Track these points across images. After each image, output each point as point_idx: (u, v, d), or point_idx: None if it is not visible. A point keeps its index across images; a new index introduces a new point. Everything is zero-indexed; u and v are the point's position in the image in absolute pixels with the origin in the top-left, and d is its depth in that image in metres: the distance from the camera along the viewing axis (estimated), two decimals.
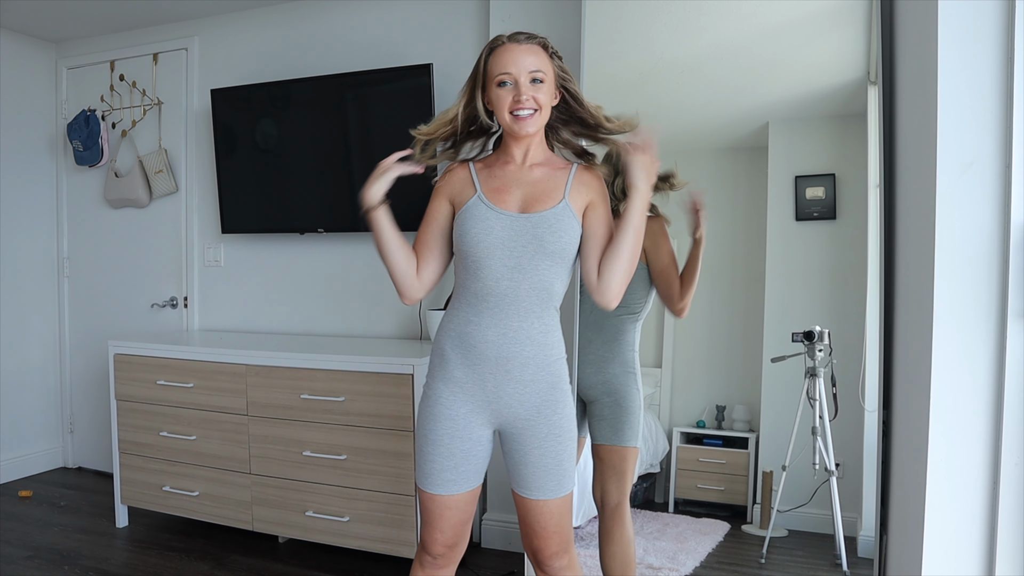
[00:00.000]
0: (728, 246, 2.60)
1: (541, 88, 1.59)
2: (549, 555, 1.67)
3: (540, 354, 1.61)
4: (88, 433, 3.90)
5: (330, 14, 3.20)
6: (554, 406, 1.62)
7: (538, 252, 1.58)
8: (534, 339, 1.60)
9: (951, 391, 1.40)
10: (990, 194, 1.37)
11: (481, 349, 1.59)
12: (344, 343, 2.97)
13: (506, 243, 1.58)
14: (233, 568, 2.71)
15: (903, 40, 1.91)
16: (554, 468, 1.62)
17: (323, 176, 3.11)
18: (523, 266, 1.58)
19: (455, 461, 1.61)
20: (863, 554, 2.28)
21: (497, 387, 1.60)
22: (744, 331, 2.57)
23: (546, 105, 1.61)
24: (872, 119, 2.16)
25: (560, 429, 1.63)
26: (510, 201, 1.62)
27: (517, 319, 1.59)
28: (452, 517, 1.65)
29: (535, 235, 1.58)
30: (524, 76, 1.58)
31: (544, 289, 1.60)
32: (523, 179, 1.65)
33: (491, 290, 1.59)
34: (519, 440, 1.63)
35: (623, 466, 2.13)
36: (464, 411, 1.62)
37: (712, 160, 2.65)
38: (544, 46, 1.63)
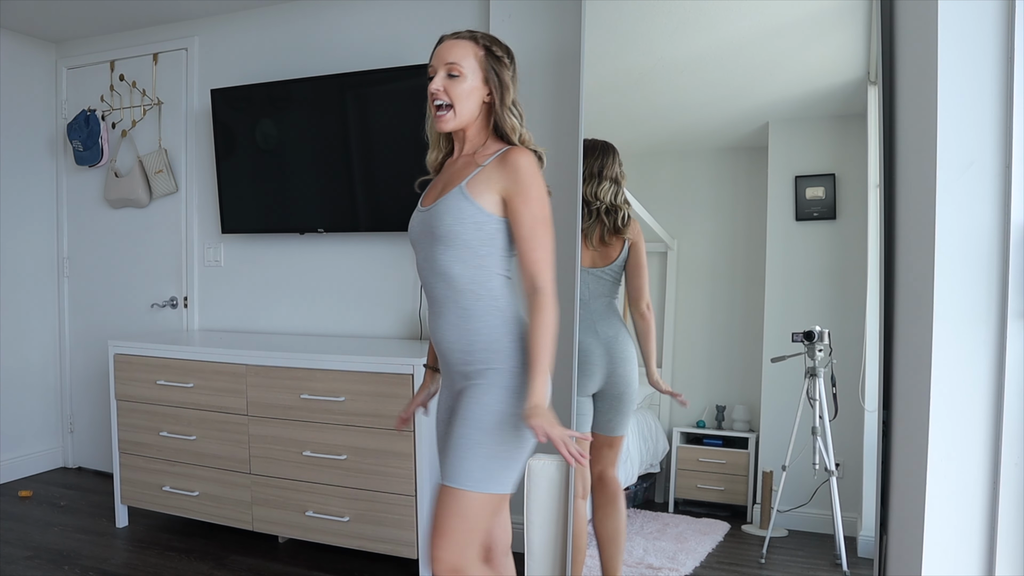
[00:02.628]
0: (728, 246, 2.60)
1: (457, 83, 1.61)
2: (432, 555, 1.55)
3: (463, 339, 1.62)
4: (88, 433, 3.90)
5: (330, 14, 3.20)
6: (473, 393, 1.58)
7: (432, 240, 1.62)
8: (454, 324, 1.63)
9: (951, 391, 1.40)
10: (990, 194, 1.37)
11: (436, 340, 1.68)
12: (344, 343, 2.97)
13: (417, 239, 1.68)
14: (233, 568, 2.71)
15: (903, 40, 1.91)
16: (451, 450, 1.55)
17: (323, 176, 3.11)
18: (428, 257, 1.64)
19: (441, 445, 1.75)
20: (863, 554, 2.28)
21: (447, 377, 1.72)
22: (744, 331, 2.57)
23: (461, 99, 1.61)
24: (872, 119, 2.16)
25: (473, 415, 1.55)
26: (431, 196, 1.70)
27: (439, 306, 1.65)
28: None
29: (429, 224, 1.63)
30: (442, 68, 1.62)
31: (445, 275, 1.62)
32: (448, 172, 1.70)
33: (423, 284, 1.69)
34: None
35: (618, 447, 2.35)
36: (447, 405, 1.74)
37: (712, 160, 2.64)
38: (474, 39, 1.64)
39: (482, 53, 1.64)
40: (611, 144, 2.35)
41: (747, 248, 2.55)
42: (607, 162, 2.32)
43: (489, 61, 1.64)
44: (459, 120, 1.64)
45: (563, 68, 2.67)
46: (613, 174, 2.31)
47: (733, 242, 2.59)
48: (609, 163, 2.32)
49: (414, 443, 2.47)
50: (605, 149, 2.34)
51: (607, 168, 2.31)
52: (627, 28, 2.50)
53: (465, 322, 1.62)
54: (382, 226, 3.02)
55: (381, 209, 3.01)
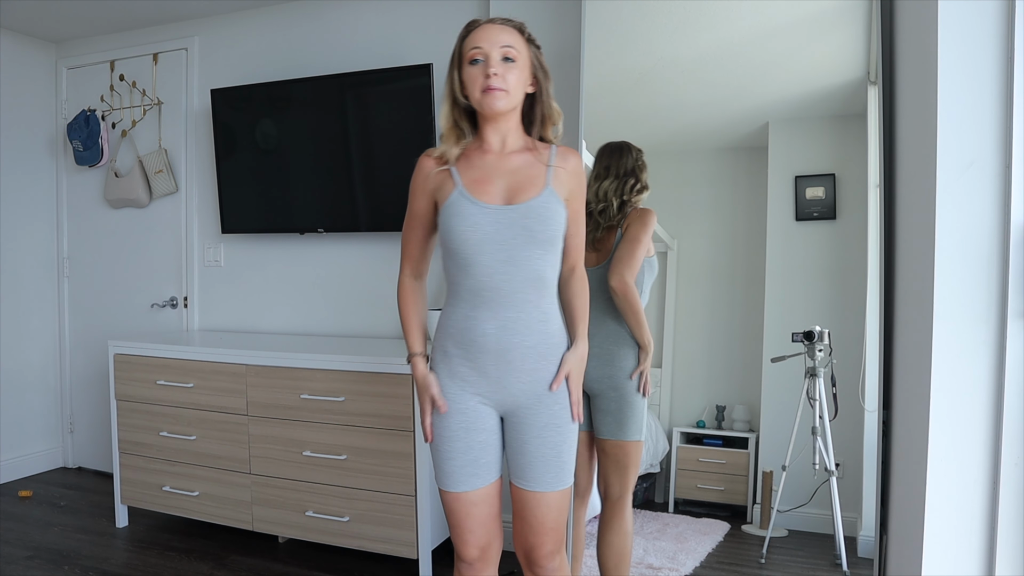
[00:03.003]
0: (728, 246, 2.60)
1: (512, 68, 1.56)
2: (544, 554, 1.64)
3: (541, 343, 1.59)
4: (88, 433, 3.90)
5: (330, 14, 3.20)
6: (556, 395, 1.61)
7: (528, 242, 1.55)
8: (533, 328, 1.58)
9: (951, 391, 1.40)
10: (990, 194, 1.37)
11: (481, 343, 1.57)
12: (344, 343, 2.97)
13: (495, 237, 1.55)
14: (233, 568, 2.71)
15: (903, 40, 1.91)
16: (553, 459, 1.60)
17: (323, 176, 3.11)
18: (515, 258, 1.55)
19: (474, 454, 1.60)
20: (863, 554, 2.28)
21: (500, 378, 1.59)
22: (744, 331, 2.57)
23: (515, 87, 1.57)
24: (872, 119, 2.16)
25: (560, 419, 1.61)
26: (493, 192, 1.58)
27: (514, 310, 1.56)
28: (479, 514, 1.61)
29: (524, 226, 1.55)
30: (496, 52, 1.55)
31: (538, 278, 1.58)
32: (504, 167, 1.61)
33: (485, 285, 1.56)
34: (520, 429, 1.61)
35: (626, 460, 2.13)
36: (473, 403, 1.61)
37: (712, 160, 2.65)
38: (520, 30, 1.61)
39: (525, 41, 1.60)
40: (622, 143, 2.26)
41: (747, 248, 2.55)
42: (614, 160, 2.25)
43: (533, 50, 1.61)
44: (510, 102, 1.57)
45: (563, 68, 2.67)
46: (622, 170, 2.24)
47: (733, 242, 2.59)
48: (616, 160, 2.25)
49: (414, 443, 2.47)
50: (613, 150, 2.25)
51: (613, 165, 2.24)
52: (627, 28, 2.50)
53: (545, 324, 1.60)
54: (382, 226, 3.02)
55: (381, 209, 3.01)
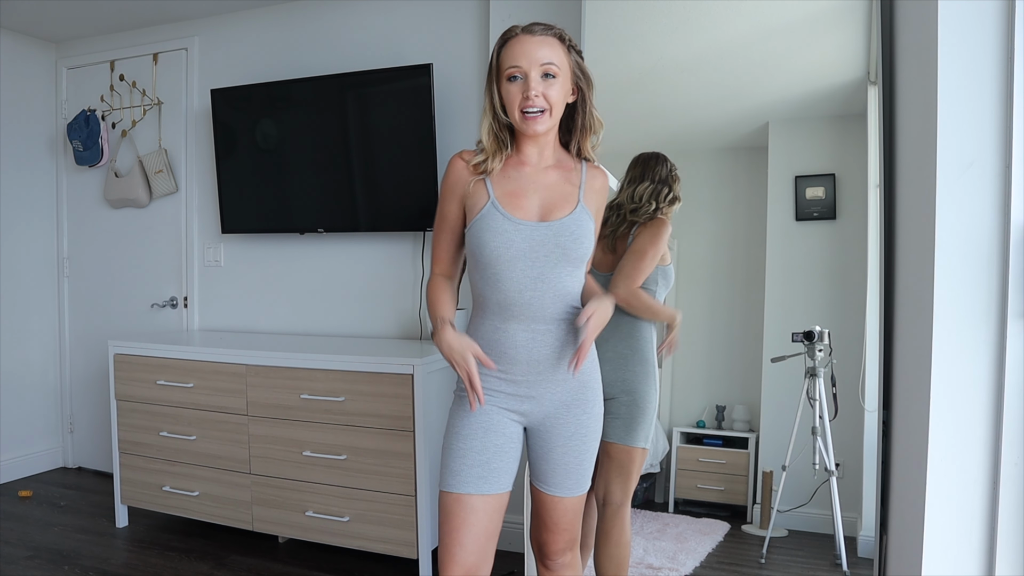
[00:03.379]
0: (728, 246, 2.60)
1: (553, 84, 1.50)
2: (555, 550, 1.68)
3: (570, 353, 1.58)
4: (88, 433, 3.90)
5: (330, 14, 3.20)
6: (583, 405, 1.61)
7: (561, 260, 1.54)
8: (562, 339, 1.57)
9: (951, 391, 1.40)
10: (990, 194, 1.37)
11: (512, 354, 1.56)
12: (344, 343, 2.97)
13: (528, 254, 1.52)
14: (233, 568, 2.71)
15: (903, 40, 1.91)
16: (575, 467, 1.62)
17: (323, 176, 3.11)
18: (546, 276, 1.53)
19: (487, 456, 1.55)
20: (863, 554, 2.28)
21: (530, 387, 1.58)
22: (744, 331, 2.57)
23: (558, 103, 1.52)
24: (872, 119, 2.16)
25: (587, 429, 1.62)
26: (528, 208, 1.55)
27: (544, 323, 1.55)
28: (477, 523, 1.53)
29: (558, 244, 1.53)
30: (535, 70, 1.49)
31: (567, 294, 1.57)
32: (540, 182, 1.58)
33: (514, 300, 1.53)
34: (545, 437, 1.62)
35: (631, 466, 2.12)
36: (496, 410, 1.59)
37: (712, 160, 2.64)
38: (561, 38, 1.54)
39: (566, 49, 1.54)
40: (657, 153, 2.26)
41: (747, 248, 2.55)
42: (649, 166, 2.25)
43: (573, 56, 1.56)
44: (553, 121, 1.54)
45: None
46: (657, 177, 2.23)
47: (733, 242, 2.59)
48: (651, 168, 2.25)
49: (414, 443, 2.47)
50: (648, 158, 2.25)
51: (648, 171, 2.24)
52: (627, 28, 2.50)
53: (575, 336, 1.58)
54: (382, 226, 3.02)
55: (381, 209, 3.01)
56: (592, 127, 1.61)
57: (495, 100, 1.55)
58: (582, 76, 1.57)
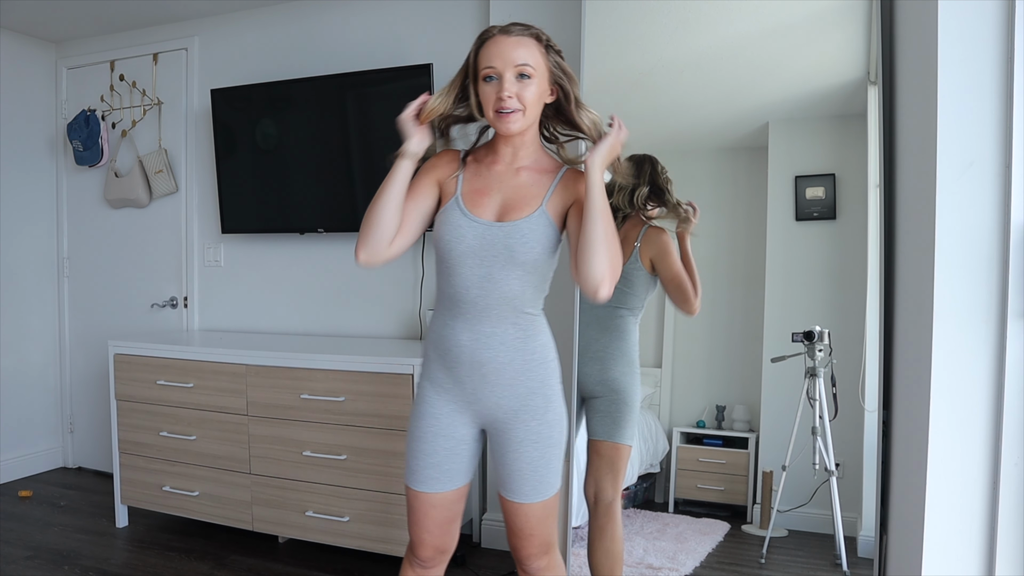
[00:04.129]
0: (728, 246, 2.60)
1: (528, 84, 1.51)
2: (527, 555, 1.67)
3: (518, 359, 1.58)
4: (88, 433, 3.90)
5: (330, 14, 3.20)
6: (532, 411, 1.60)
7: (508, 263, 1.54)
8: (508, 344, 1.57)
9: (951, 391, 1.40)
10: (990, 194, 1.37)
11: (456, 353, 1.58)
12: (344, 343, 2.97)
13: (477, 252, 1.54)
14: (233, 568, 2.71)
15: (903, 40, 1.91)
16: (530, 473, 1.60)
17: (323, 176, 3.11)
18: (493, 276, 1.54)
19: (438, 459, 1.61)
20: (863, 554, 2.28)
21: (475, 389, 1.59)
22: (744, 331, 2.57)
23: (532, 103, 1.52)
24: (872, 119, 2.16)
25: (539, 435, 1.60)
26: (487, 206, 1.57)
27: (489, 325, 1.56)
28: (437, 516, 1.64)
29: (506, 245, 1.53)
30: (510, 71, 1.50)
31: (515, 297, 1.56)
32: (507, 182, 1.59)
33: (463, 296, 1.56)
34: (500, 442, 1.63)
35: (619, 463, 2.15)
36: (447, 410, 1.61)
37: (712, 160, 2.64)
38: (538, 38, 1.54)
39: (544, 50, 1.54)
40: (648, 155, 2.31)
41: (747, 248, 2.55)
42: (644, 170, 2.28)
43: (552, 57, 1.55)
44: (527, 121, 1.54)
45: None
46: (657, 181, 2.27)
47: (733, 242, 2.59)
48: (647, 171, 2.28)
49: None
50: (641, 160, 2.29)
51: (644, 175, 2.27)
52: (627, 28, 2.50)
53: (524, 342, 1.58)
54: None
55: None
56: (587, 121, 1.58)
57: (472, 101, 1.57)
58: (563, 74, 1.57)
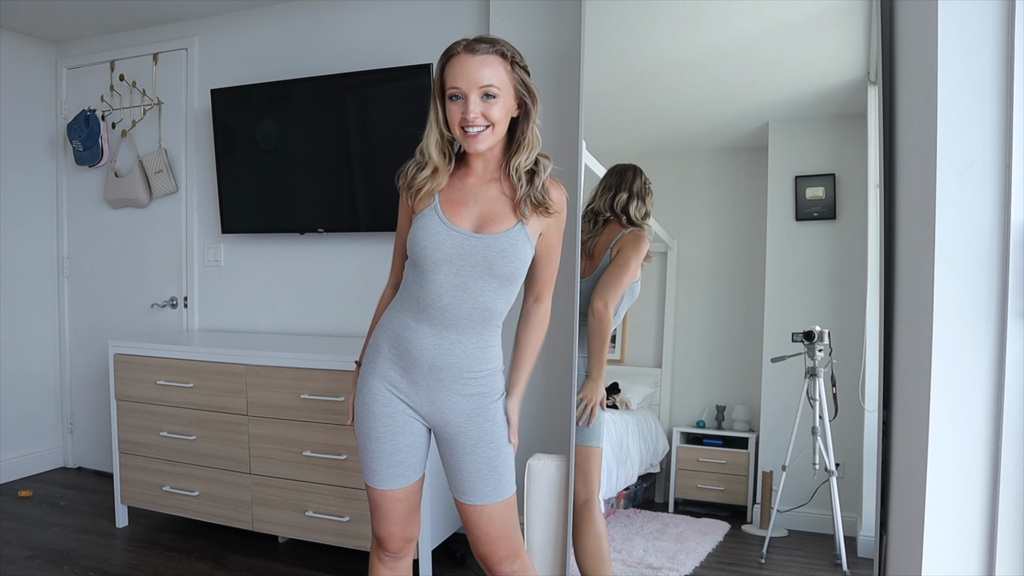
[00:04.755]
0: (728, 246, 2.60)
1: (494, 104, 1.52)
2: (497, 560, 1.67)
3: (475, 367, 1.61)
4: (88, 433, 3.90)
5: (330, 14, 3.20)
6: (484, 413, 1.63)
7: (485, 274, 1.56)
8: (470, 352, 1.60)
9: (951, 391, 1.40)
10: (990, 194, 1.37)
11: (416, 355, 1.59)
12: (344, 343, 2.97)
13: (454, 261, 1.56)
14: (233, 568, 2.71)
15: (903, 40, 1.92)
16: (488, 473, 1.62)
17: (323, 176, 3.11)
18: (468, 286, 1.56)
19: (400, 456, 1.64)
20: (863, 554, 2.28)
21: (430, 392, 1.61)
22: (744, 331, 2.57)
23: (500, 120, 1.54)
24: (872, 119, 2.16)
25: (491, 435, 1.63)
26: (465, 217, 1.59)
27: (455, 332, 1.58)
28: (403, 509, 1.69)
29: (485, 257, 1.55)
30: (475, 92, 1.51)
31: (486, 309, 1.59)
32: (482, 195, 1.61)
33: (433, 303, 1.57)
34: (452, 445, 1.64)
35: (587, 465, 2.24)
36: (401, 408, 1.64)
37: (712, 160, 2.64)
38: (503, 55, 1.54)
39: (509, 67, 1.55)
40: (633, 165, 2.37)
41: (747, 248, 2.55)
42: (626, 178, 2.33)
43: (517, 73, 1.56)
44: (494, 139, 1.56)
45: (563, 68, 2.67)
46: (634, 190, 2.31)
47: (733, 242, 2.59)
48: (629, 179, 2.32)
49: None
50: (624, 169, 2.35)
51: (625, 183, 2.32)
52: (627, 28, 2.50)
53: (482, 350, 1.61)
54: (382, 226, 3.02)
55: (381, 209, 3.01)
56: (528, 143, 1.59)
57: (439, 118, 1.58)
58: (527, 92, 1.58)
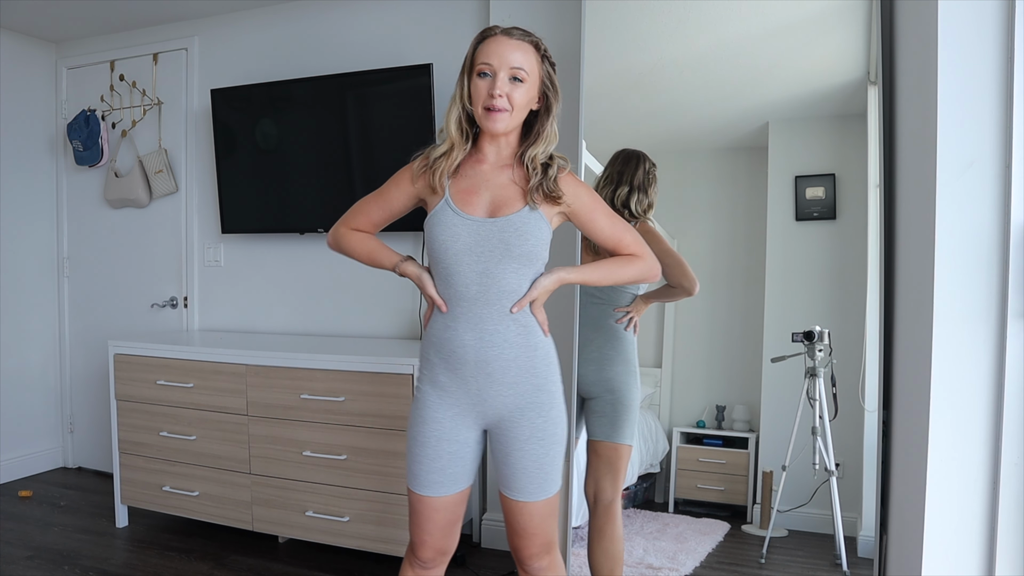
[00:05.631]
0: (728, 246, 2.60)
1: (520, 87, 1.54)
2: (528, 555, 1.68)
3: (522, 356, 1.59)
4: (88, 433, 3.90)
5: (330, 14, 3.20)
6: (538, 408, 1.61)
7: (505, 256, 1.56)
8: (512, 341, 1.58)
9: (951, 391, 1.40)
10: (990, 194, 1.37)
11: (460, 353, 1.59)
12: (344, 343, 2.97)
13: (473, 248, 1.56)
14: (233, 568, 2.71)
15: (903, 40, 1.92)
16: (535, 471, 1.61)
17: (323, 176, 3.11)
18: (491, 271, 1.56)
19: (442, 463, 1.61)
20: (863, 554, 2.28)
21: (480, 389, 1.59)
22: (744, 331, 2.57)
23: (521, 106, 1.56)
24: (872, 119, 2.16)
25: (543, 432, 1.61)
26: (478, 204, 1.59)
27: (492, 322, 1.57)
28: (440, 519, 1.65)
29: (501, 239, 1.56)
30: (504, 71, 1.53)
31: (514, 292, 1.58)
32: (494, 180, 1.61)
33: (463, 295, 1.57)
34: (502, 440, 1.63)
35: (619, 463, 2.15)
36: (450, 414, 1.61)
37: (712, 160, 2.64)
38: (537, 46, 1.58)
39: (540, 58, 1.58)
40: (638, 152, 2.31)
41: (747, 248, 2.55)
42: (628, 168, 2.29)
43: (545, 66, 1.60)
44: (512, 123, 1.57)
45: (563, 68, 2.66)
46: (635, 182, 2.27)
47: (733, 242, 2.59)
48: (631, 169, 2.29)
49: None
50: (628, 157, 2.30)
51: (627, 174, 2.28)
52: (627, 28, 2.50)
53: (526, 338, 1.59)
54: None
55: None
56: (546, 137, 1.62)
57: (463, 92, 1.59)
58: (551, 87, 1.61)
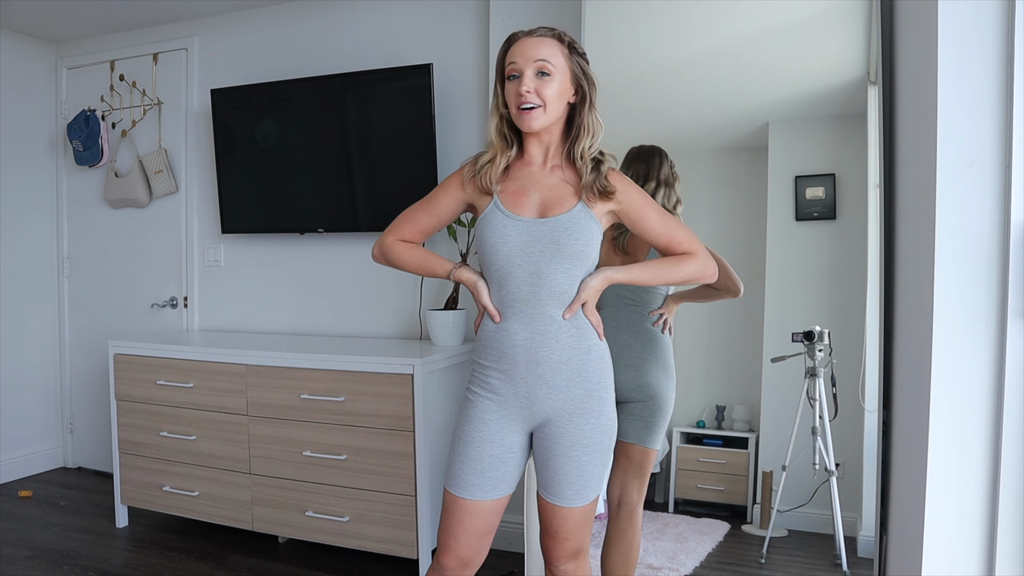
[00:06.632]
0: (728, 246, 2.59)
1: (548, 81, 1.54)
2: (557, 556, 1.66)
3: (574, 358, 1.57)
4: (88, 433, 3.90)
5: (330, 14, 3.20)
6: (587, 414, 1.58)
7: (555, 256, 1.55)
8: (563, 342, 1.56)
9: (951, 391, 1.40)
10: (990, 194, 1.37)
11: (512, 354, 1.56)
12: (344, 343, 2.97)
13: (524, 249, 1.56)
14: (233, 568, 2.71)
15: (903, 40, 1.92)
16: (576, 477, 1.58)
17: (323, 176, 3.11)
18: (541, 271, 1.55)
19: (483, 465, 1.57)
20: (863, 554, 2.28)
21: (530, 391, 1.57)
22: (744, 331, 2.57)
23: (553, 100, 1.55)
24: (872, 119, 2.16)
25: (589, 439, 1.58)
26: (527, 205, 1.59)
27: (543, 323, 1.55)
28: (470, 525, 1.59)
29: (552, 239, 1.55)
30: (530, 68, 1.54)
31: (565, 292, 1.56)
32: (543, 181, 1.61)
33: (515, 296, 1.56)
34: (547, 443, 1.60)
35: (648, 468, 2.13)
36: (497, 416, 1.59)
37: (712, 160, 2.64)
38: (560, 38, 1.58)
39: (567, 51, 1.58)
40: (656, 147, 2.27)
41: (747, 248, 2.55)
42: (652, 164, 2.25)
43: (575, 58, 1.59)
44: (548, 118, 1.56)
45: None
46: (664, 176, 2.24)
47: (733, 242, 2.59)
48: (656, 165, 2.25)
49: (414, 443, 2.47)
50: (650, 153, 2.25)
51: (653, 171, 2.24)
52: (627, 28, 2.50)
53: (579, 340, 1.57)
54: (382, 226, 2.99)
55: (381, 209, 3.01)
56: (589, 128, 1.61)
57: (498, 100, 1.62)
58: (584, 77, 1.60)
